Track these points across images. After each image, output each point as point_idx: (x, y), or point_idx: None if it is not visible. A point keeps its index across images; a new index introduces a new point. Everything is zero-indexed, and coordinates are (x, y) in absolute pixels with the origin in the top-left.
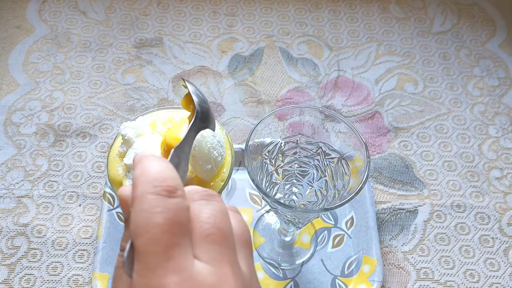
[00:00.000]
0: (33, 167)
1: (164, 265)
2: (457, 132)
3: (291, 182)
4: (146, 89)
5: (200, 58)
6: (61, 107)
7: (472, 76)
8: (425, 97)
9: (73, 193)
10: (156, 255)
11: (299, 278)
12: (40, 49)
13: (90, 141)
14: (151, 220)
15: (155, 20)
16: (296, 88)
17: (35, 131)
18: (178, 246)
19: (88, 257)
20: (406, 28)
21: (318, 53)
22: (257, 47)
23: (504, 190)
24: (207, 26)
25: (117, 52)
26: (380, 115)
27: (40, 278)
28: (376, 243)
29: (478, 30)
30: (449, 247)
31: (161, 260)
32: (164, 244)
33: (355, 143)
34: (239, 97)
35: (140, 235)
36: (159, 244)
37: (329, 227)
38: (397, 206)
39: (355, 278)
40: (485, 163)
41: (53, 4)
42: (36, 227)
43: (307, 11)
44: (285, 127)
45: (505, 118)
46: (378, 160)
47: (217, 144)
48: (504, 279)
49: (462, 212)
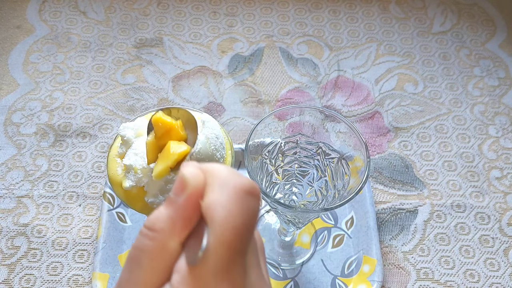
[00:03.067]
0: (33, 167)
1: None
2: (457, 132)
3: (291, 182)
4: (146, 89)
5: (200, 58)
6: (61, 107)
7: (472, 76)
8: (425, 97)
9: (73, 193)
10: (223, 260)
11: (299, 278)
12: (40, 49)
13: (90, 141)
14: (230, 220)
15: (155, 20)
16: (296, 88)
17: (35, 131)
18: (242, 254)
19: (88, 257)
20: (406, 28)
21: (318, 53)
22: (257, 47)
23: (504, 190)
24: (207, 26)
25: (117, 52)
26: (380, 115)
27: (40, 278)
28: (376, 243)
29: (478, 30)
30: (449, 247)
31: (224, 267)
32: (234, 250)
33: (355, 143)
34: (239, 97)
35: (214, 234)
36: (230, 249)
37: (329, 227)
38: (397, 206)
39: (355, 278)
40: (485, 163)
41: (53, 4)
42: (36, 227)
43: (307, 11)
44: (285, 127)
45: (505, 118)
46: (378, 160)
47: (219, 145)
48: (504, 279)
49: (462, 212)
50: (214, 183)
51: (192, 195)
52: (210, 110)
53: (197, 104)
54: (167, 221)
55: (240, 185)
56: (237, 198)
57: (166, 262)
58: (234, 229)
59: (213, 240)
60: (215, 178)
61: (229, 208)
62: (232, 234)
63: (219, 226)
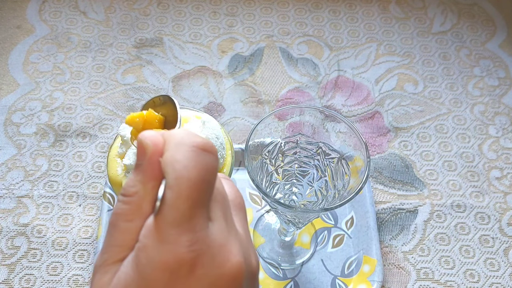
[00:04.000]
0: (33, 167)
1: (185, 224)
2: (457, 132)
3: (291, 182)
4: (146, 89)
5: (200, 58)
6: (61, 107)
7: (472, 76)
8: (425, 97)
9: (73, 193)
10: (181, 212)
11: (299, 278)
12: (40, 49)
13: (90, 141)
14: (184, 174)
15: (155, 20)
16: (296, 88)
17: (35, 131)
18: (201, 206)
19: (88, 257)
20: (406, 28)
21: (318, 53)
22: (257, 47)
23: (504, 190)
24: (207, 26)
25: (117, 52)
26: (380, 115)
27: (40, 278)
28: (376, 243)
29: (478, 30)
30: (449, 247)
31: (183, 218)
32: (192, 202)
33: (355, 143)
34: (239, 97)
35: (170, 187)
36: (187, 201)
37: (329, 227)
38: (397, 206)
39: (355, 278)
40: (485, 163)
41: (53, 4)
42: (36, 227)
43: (307, 11)
44: (285, 127)
45: (505, 118)
46: (378, 160)
47: (219, 146)
48: (504, 279)
49: (462, 212)
50: (171, 143)
51: (153, 156)
52: (210, 110)
53: (197, 104)
54: (137, 184)
55: (195, 142)
56: (192, 154)
57: (141, 223)
58: (189, 181)
59: (170, 192)
60: (172, 139)
61: (183, 162)
62: (187, 187)
63: (174, 179)
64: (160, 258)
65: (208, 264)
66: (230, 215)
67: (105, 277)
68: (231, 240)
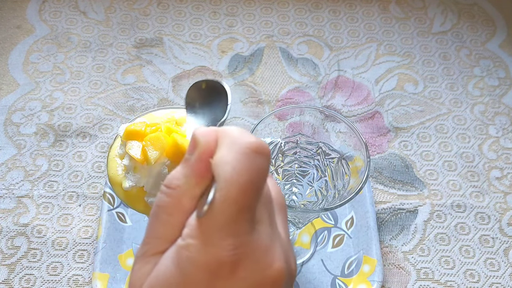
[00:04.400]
0: (33, 167)
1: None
2: (457, 132)
3: (291, 182)
4: (146, 89)
5: (200, 58)
6: (61, 107)
7: (472, 76)
8: (425, 97)
9: (73, 193)
10: (227, 215)
11: (299, 278)
12: (40, 49)
13: (90, 141)
14: (235, 177)
15: (155, 20)
16: (296, 88)
17: (35, 131)
18: (249, 211)
19: (88, 257)
20: (406, 28)
21: (318, 53)
22: (257, 47)
23: (504, 190)
24: (207, 26)
25: (117, 52)
26: (380, 115)
27: (40, 278)
28: (376, 243)
29: (478, 30)
30: (449, 247)
31: (228, 222)
32: (239, 206)
33: (355, 143)
34: (239, 97)
35: (218, 190)
36: (236, 206)
37: (329, 227)
38: (397, 206)
39: (355, 278)
40: (485, 163)
41: (53, 4)
42: (36, 227)
43: (307, 11)
44: (285, 127)
45: (505, 118)
46: (378, 160)
47: None
48: (504, 279)
49: (462, 212)
50: (224, 142)
51: (203, 153)
52: None
53: None
54: (181, 178)
55: (248, 144)
56: (244, 156)
57: (182, 217)
58: (239, 185)
59: (218, 195)
60: (225, 138)
61: (234, 165)
62: (237, 191)
63: (224, 182)
64: (202, 259)
65: (251, 267)
66: (274, 217)
67: (145, 268)
68: (274, 244)
